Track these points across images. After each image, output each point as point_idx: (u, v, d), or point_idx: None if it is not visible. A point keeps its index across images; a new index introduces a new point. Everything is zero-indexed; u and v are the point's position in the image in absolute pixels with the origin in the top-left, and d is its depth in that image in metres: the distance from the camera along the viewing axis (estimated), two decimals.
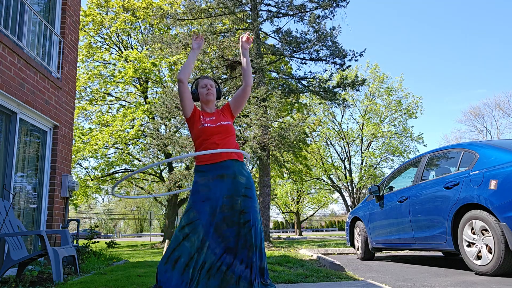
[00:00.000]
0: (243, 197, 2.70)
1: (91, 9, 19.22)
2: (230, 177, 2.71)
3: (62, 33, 6.46)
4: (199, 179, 2.74)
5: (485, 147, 4.40)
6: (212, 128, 2.81)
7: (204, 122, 2.85)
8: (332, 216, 69.36)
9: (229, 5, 13.22)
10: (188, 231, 2.60)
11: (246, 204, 2.69)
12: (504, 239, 3.70)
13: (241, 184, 2.72)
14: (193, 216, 2.63)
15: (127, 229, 65.98)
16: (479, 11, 73.12)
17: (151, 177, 22.28)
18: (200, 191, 2.69)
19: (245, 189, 2.73)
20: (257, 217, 2.70)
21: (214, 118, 2.90)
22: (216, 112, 2.98)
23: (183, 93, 2.86)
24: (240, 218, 2.65)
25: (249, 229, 2.62)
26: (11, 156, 5.01)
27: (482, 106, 50.21)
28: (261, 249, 2.67)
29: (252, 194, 2.74)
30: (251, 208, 2.69)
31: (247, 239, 2.61)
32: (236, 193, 2.69)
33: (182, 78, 2.85)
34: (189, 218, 2.64)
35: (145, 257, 9.11)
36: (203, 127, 2.82)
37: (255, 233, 2.64)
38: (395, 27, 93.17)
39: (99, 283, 3.66)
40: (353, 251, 8.28)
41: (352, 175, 27.32)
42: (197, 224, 2.61)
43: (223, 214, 2.66)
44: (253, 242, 2.61)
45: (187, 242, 2.58)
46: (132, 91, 20.92)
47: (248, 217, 2.65)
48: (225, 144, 2.79)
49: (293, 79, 14.69)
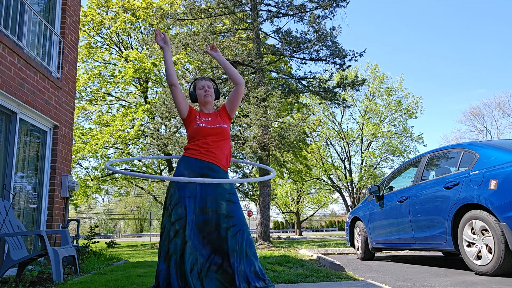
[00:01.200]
0: (227, 202, 2.70)
1: (91, 9, 19.23)
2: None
3: (62, 33, 6.46)
4: (184, 171, 2.73)
5: (485, 147, 4.39)
6: (207, 129, 2.81)
7: (200, 122, 2.84)
8: (332, 216, 69.34)
9: (229, 5, 13.22)
10: (178, 227, 2.60)
11: (231, 208, 2.69)
12: (504, 239, 3.70)
13: (225, 189, 2.72)
14: (181, 211, 2.63)
15: (127, 229, 65.96)
16: (479, 11, 73.16)
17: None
18: (187, 185, 2.68)
19: (229, 194, 2.73)
20: (244, 222, 2.69)
21: (211, 119, 2.89)
22: (214, 113, 2.98)
23: (177, 96, 2.87)
24: (225, 223, 2.64)
25: (234, 234, 2.61)
26: (11, 156, 5.01)
27: (482, 106, 50.19)
28: (251, 253, 2.64)
29: (237, 199, 2.76)
30: (237, 212, 2.69)
31: (231, 244, 2.59)
32: (221, 197, 2.69)
33: (174, 82, 2.86)
34: (178, 214, 2.63)
35: (145, 257, 9.11)
36: (198, 127, 2.82)
37: (242, 238, 2.62)
38: (395, 27, 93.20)
39: (99, 283, 3.66)
40: (353, 251, 8.28)
41: (352, 175, 27.32)
42: (185, 220, 2.61)
43: (206, 217, 2.65)
44: (236, 247, 2.59)
45: (178, 239, 2.58)
46: (132, 91, 20.94)
47: (233, 221, 2.65)
48: (215, 148, 2.79)
49: (293, 79, 14.69)
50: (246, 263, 2.61)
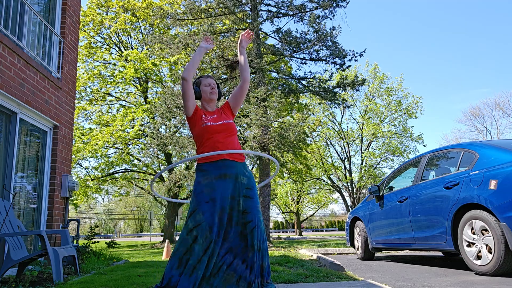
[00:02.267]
0: (244, 197, 2.70)
1: (91, 9, 19.23)
2: (232, 177, 2.70)
3: (62, 33, 6.46)
4: (201, 179, 2.71)
5: (485, 147, 4.40)
6: (215, 127, 2.81)
7: (207, 120, 2.84)
8: (332, 216, 69.33)
9: (229, 5, 13.22)
10: (196, 233, 2.57)
11: (247, 204, 2.69)
12: (504, 239, 3.70)
13: (242, 185, 2.72)
14: (199, 218, 2.60)
15: (127, 229, 65.95)
16: (479, 11, 73.15)
17: (151, 177, 22.28)
18: (204, 191, 2.67)
19: (246, 189, 2.72)
20: (259, 218, 2.70)
21: (216, 116, 2.90)
22: (217, 110, 2.99)
23: (187, 92, 2.83)
24: (242, 218, 2.65)
25: (251, 230, 2.63)
26: (11, 156, 5.01)
27: (482, 106, 50.19)
28: (263, 249, 2.67)
29: (254, 194, 2.74)
30: (253, 208, 2.69)
31: (248, 240, 2.62)
32: (237, 194, 2.69)
33: (186, 77, 2.82)
34: (196, 220, 2.60)
35: (145, 257, 9.12)
36: (206, 126, 2.81)
37: (257, 233, 2.64)
38: (395, 27, 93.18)
39: (99, 283, 3.66)
40: (353, 251, 8.28)
41: (352, 175, 27.32)
42: (204, 226, 2.58)
43: (227, 215, 2.66)
44: (254, 243, 2.61)
45: (196, 245, 2.55)
46: (132, 91, 20.93)
47: (250, 217, 2.66)
48: (228, 143, 2.78)
49: (293, 79, 14.68)
50: (261, 258, 2.64)
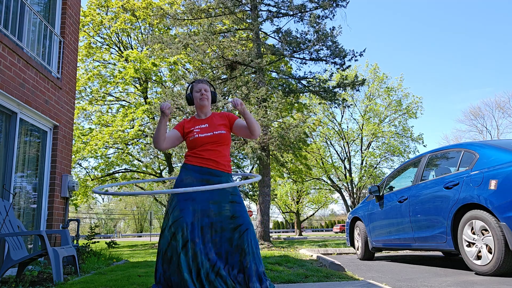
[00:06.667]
0: (231, 203, 2.71)
1: (91, 9, 19.23)
2: (215, 183, 2.71)
3: (62, 33, 6.46)
4: (184, 177, 2.76)
5: (485, 147, 4.39)
6: (203, 138, 2.80)
7: (195, 133, 2.82)
8: (332, 216, 69.37)
9: (229, 5, 13.22)
10: (174, 229, 2.62)
11: (236, 209, 2.70)
12: (504, 239, 3.70)
13: (227, 192, 2.73)
14: (177, 214, 2.65)
15: (127, 229, 65.96)
16: (479, 11, 73.12)
17: (151, 177, 22.28)
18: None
19: (232, 195, 2.74)
20: (249, 222, 2.71)
21: (207, 125, 2.86)
22: (212, 117, 2.93)
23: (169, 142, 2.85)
24: (231, 223, 2.66)
25: (240, 234, 2.63)
26: (11, 156, 5.01)
27: (482, 106, 50.27)
28: (256, 254, 2.65)
29: (240, 200, 2.77)
30: (243, 212, 2.71)
31: (239, 244, 2.62)
32: (223, 200, 2.71)
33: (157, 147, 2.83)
34: (174, 217, 2.66)
35: (145, 257, 9.11)
36: (194, 139, 2.81)
37: (248, 237, 2.64)
38: (395, 27, 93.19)
39: (99, 283, 3.66)
40: (353, 251, 8.28)
41: (352, 175, 27.33)
42: (181, 222, 2.62)
43: (211, 220, 2.67)
44: (244, 247, 2.61)
45: (174, 242, 2.60)
46: (132, 91, 20.93)
47: (240, 221, 2.67)
48: (217, 153, 2.79)
49: (293, 79, 14.69)
50: (257, 262, 2.63)
